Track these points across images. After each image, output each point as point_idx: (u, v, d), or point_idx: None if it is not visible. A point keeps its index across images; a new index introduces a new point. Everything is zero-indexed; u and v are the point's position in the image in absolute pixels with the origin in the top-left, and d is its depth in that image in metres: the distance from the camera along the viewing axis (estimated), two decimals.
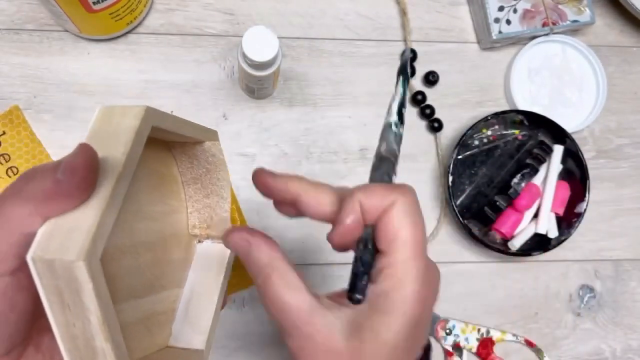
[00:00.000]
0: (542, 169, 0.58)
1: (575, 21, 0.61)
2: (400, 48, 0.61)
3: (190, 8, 0.58)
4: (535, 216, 0.58)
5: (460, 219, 0.56)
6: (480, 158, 0.60)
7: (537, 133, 0.60)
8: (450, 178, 0.56)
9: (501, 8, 0.60)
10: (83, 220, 0.20)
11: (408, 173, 0.59)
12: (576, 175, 0.58)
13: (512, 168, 0.59)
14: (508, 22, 0.60)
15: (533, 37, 0.62)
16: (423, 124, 0.61)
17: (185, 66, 0.57)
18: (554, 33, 0.61)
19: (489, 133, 0.60)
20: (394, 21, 0.62)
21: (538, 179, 0.58)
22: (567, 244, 0.57)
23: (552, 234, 0.57)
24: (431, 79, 0.60)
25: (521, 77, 0.62)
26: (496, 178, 0.59)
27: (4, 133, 0.53)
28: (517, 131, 0.60)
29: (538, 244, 0.57)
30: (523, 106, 0.61)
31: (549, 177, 0.58)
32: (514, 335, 0.58)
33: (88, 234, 0.20)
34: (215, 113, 0.57)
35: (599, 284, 0.61)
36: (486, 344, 0.57)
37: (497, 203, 0.57)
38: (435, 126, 0.60)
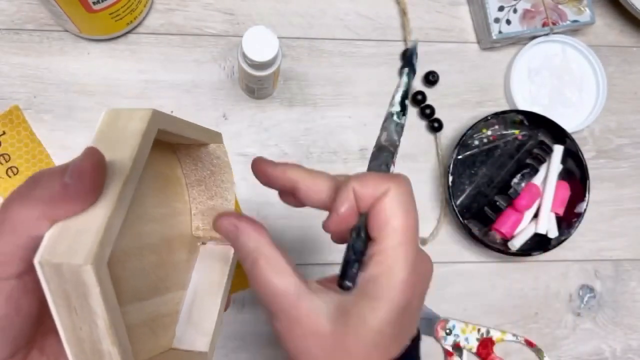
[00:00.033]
0: (542, 169, 0.58)
1: (575, 21, 0.62)
2: (400, 48, 0.61)
3: (190, 8, 0.58)
4: (535, 216, 0.58)
5: (460, 219, 0.56)
6: (480, 158, 0.60)
7: (537, 133, 0.60)
8: (450, 178, 0.57)
9: (501, 8, 0.60)
10: (90, 223, 0.20)
11: (408, 173, 0.57)
12: (576, 175, 0.59)
13: (512, 168, 0.59)
14: (508, 22, 0.60)
15: (533, 37, 0.62)
16: (423, 124, 0.61)
17: (185, 66, 0.57)
18: (554, 33, 0.62)
19: (489, 133, 0.60)
20: (394, 21, 0.62)
21: (538, 179, 0.58)
22: (567, 244, 0.57)
23: (552, 234, 0.57)
24: (431, 79, 0.60)
25: (521, 77, 0.62)
26: (496, 178, 0.59)
27: (4, 133, 0.53)
28: (517, 131, 0.60)
29: (538, 244, 0.57)
30: (523, 106, 0.61)
31: (549, 177, 0.58)
32: (514, 335, 0.58)
33: (96, 238, 0.20)
34: (215, 113, 0.57)
35: (599, 284, 0.61)
36: (486, 344, 0.57)
37: (497, 203, 0.57)
38: (435, 126, 0.60)
